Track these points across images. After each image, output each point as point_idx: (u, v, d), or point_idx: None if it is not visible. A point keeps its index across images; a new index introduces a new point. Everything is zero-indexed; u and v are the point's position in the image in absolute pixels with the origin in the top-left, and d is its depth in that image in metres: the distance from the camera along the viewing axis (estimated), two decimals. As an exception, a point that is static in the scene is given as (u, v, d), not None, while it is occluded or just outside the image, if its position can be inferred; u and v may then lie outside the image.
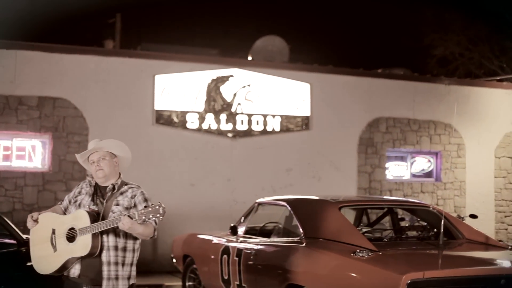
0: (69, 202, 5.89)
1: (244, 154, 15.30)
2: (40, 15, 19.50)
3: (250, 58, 17.97)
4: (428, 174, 17.38)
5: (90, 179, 5.85)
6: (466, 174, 17.39)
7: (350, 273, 6.73)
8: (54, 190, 13.60)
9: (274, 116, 15.56)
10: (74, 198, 5.85)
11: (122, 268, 5.64)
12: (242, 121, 15.29)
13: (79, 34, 21.46)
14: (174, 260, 11.27)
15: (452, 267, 6.58)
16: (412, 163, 17.28)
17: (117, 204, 5.65)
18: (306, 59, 18.22)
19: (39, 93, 13.80)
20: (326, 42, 26.60)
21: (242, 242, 8.90)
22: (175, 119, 14.78)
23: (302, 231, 7.86)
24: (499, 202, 17.78)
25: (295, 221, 8.19)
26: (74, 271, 5.63)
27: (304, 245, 7.65)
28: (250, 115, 15.37)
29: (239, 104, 15.31)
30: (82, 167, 6.26)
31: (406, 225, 8.91)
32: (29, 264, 5.94)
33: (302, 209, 8.33)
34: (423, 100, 17.07)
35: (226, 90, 15.21)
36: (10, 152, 13.72)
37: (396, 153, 17.04)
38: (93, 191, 5.77)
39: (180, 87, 14.86)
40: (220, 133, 15.12)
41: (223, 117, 15.15)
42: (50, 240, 5.68)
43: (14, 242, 8.33)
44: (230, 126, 15.19)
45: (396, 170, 17.09)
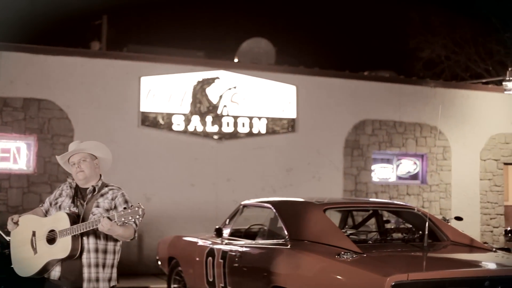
0: (50, 204, 5.85)
1: (229, 157, 15.27)
2: (25, 17, 19.43)
3: (236, 60, 17.95)
4: (414, 177, 17.40)
5: (71, 181, 5.81)
6: (452, 177, 17.44)
7: (334, 275, 6.71)
8: (39, 192, 13.53)
9: (260, 118, 15.54)
10: (54, 200, 5.81)
11: (103, 270, 5.61)
12: (228, 123, 15.26)
13: (66, 35, 21.40)
14: (159, 262, 11.22)
15: (436, 269, 6.58)
16: (398, 166, 17.30)
17: (97, 206, 5.62)
18: (292, 61, 18.21)
19: (24, 94, 13.72)
20: (312, 45, 26.64)
21: (227, 244, 8.87)
22: (161, 121, 14.74)
23: (287, 233, 7.84)
24: (485, 205, 17.83)
25: (280, 223, 8.17)
26: (55, 273, 5.59)
27: (288, 247, 7.63)
28: (236, 117, 15.34)
29: (225, 106, 15.28)
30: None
31: (391, 227, 8.92)
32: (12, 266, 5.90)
33: (287, 211, 8.31)
34: (409, 102, 17.10)
35: (212, 92, 15.18)
36: (-5, 154, 13.67)
37: (382, 155, 17.06)
38: (73, 193, 5.74)
39: (166, 89, 14.81)
40: (206, 135, 15.08)
41: (209, 119, 15.11)
42: (31, 242, 5.64)
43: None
44: (216, 128, 15.16)
45: (382, 172, 17.10)
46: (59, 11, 20.01)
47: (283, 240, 7.85)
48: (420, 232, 8.05)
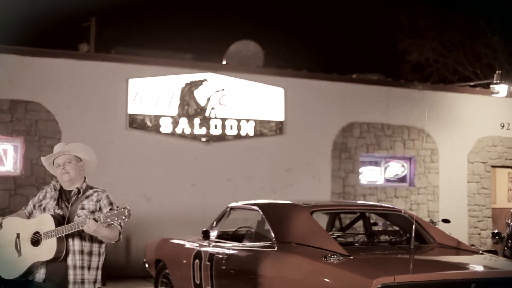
0: (33, 206, 5.82)
1: (217, 159, 15.25)
2: (13, 18, 19.35)
3: (224, 62, 17.93)
4: (401, 179, 17.43)
5: (55, 183, 5.79)
6: (440, 179, 17.49)
7: (321, 277, 6.70)
8: (26, 194, 13.45)
9: (248, 120, 15.54)
10: (38, 202, 5.79)
11: (88, 272, 5.59)
12: (216, 125, 15.25)
13: (54, 37, 21.31)
14: (147, 265, 11.18)
15: (423, 272, 6.59)
16: (386, 168, 17.33)
17: (82, 208, 5.60)
18: (280, 64, 18.20)
19: (11, 96, 13.66)
20: (300, 47, 26.65)
21: (214, 246, 8.86)
22: (149, 123, 14.71)
23: (274, 236, 7.82)
24: (472, 207, 17.90)
25: (267, 225, 8.16)
26: (40, 276, 5.56)
27: (275, 249, 7.62)
28: (224, 120, 15.33)
29: (213, 108, 15.26)
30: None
31: (379, 229, 8.92)
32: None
33: (274, 213, 8.30)
34: (397, 105, 17.14)
35: (200, 95, 15.16)
36: (-18, 156, 13.60)
37: (370, 158, 17.08)
38: (58, 195, 5.71)
39: (153, 91, 14.79)
40: (193, 137, 15.06)
41: (197, 121, 15.09)
42: (15, 244, 5.61)
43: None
44: (203, 131, 15.14)
45: (370, 175, 17.13)
46: (47, 13, 19.94)
47: (270, 242, 7.83)
48: (407, 234, 8.04)
